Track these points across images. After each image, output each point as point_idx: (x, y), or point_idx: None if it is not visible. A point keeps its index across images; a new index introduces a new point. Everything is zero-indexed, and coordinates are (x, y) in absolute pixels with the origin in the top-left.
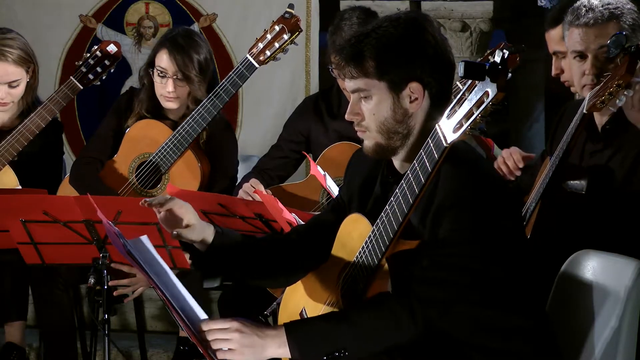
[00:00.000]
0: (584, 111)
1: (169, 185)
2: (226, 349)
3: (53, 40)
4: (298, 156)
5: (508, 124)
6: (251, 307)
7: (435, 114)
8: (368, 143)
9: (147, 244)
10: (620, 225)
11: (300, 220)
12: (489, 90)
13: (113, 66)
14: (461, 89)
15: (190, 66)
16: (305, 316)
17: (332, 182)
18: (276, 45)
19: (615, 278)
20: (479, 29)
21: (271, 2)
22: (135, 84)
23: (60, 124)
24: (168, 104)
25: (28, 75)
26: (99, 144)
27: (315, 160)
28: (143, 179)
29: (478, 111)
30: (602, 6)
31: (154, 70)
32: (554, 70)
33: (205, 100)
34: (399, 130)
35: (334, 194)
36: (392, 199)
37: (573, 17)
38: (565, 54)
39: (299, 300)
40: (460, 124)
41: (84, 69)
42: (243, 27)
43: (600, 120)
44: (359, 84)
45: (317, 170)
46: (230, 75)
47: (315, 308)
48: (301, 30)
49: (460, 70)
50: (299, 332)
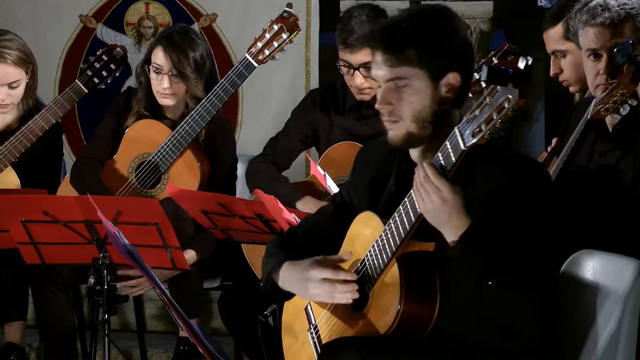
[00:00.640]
0: (588, 117)
1: (168, 185)
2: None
3: (53, 40)
4: (303, 147)
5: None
6: (251, 307)
7: (458, 106)
8: (397, 133)
9: None
10: (623, 225)
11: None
12: (510, 96)
13: (119, 70)
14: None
15: (185, 63)
16: (311, 313)
17: (332, 182)
18: (275, 44)
19: (615, 278)
20: (479, 29)
21: (271, 2)
22: (135, 84)
23: (60, 125)
24: (164, 101)
25: (27, 76)
26: (99, 144)
27: (318, 157)
28: (142, 179)
29: (498, 116)
30: (619, 6)
31: (150, 67)
32: (553, 70)
33: (204, 100)
34: (433, 120)
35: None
36: (406, 199)
37: (589, 17)
38: (564, 53)
39: None
40: (480, 129)
41: (89, 72)
42: (243, 27)
43: (612, 121)
44: (398, 73)
45: (317, 170)
46: (229, 74)
47: (321, 304)
48: (299, 30)
49: (483, 74)
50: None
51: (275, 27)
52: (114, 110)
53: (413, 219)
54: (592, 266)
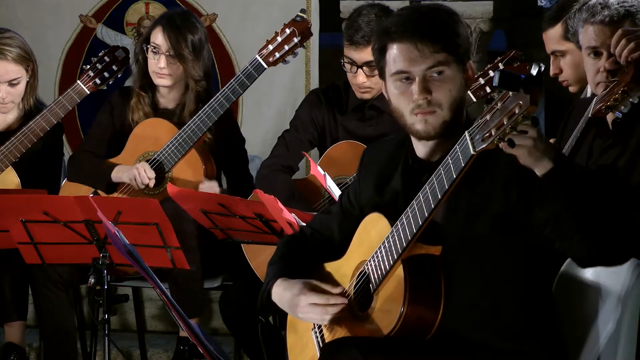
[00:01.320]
0: (589, 115)
1: (168, 185)
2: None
3: (53, 40)
4: (310, 148)
5: None
6: (251, 307)
7: None
8: (435, 122)
9: None
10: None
11: (300, 220)
12: (521, 102)
13: (121, 71)
14: None
15: (183, 44)
16: None
17: (332, 182)
18: (286, 47)
19: (615, 278)
20: (479, 29)
21: (271, 2)
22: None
23: (60, 125)
24: (159, 81)
25: (28, 74)
26: (93, 141)
27: (318, 156)
28: None
29: (508, 122)
30: (618, 3)
31: (148, 47)
32: (553, 70)
33: (212, 99)
34: (462, 107)
35: (334, 194)
36: (414, 202)
37: (588, 15)
38: (563, 53)
39: None
40: (490, 133)
41: (91, 73)
42: (243, 27)
43: (612, 119)
44: (441, 59)
45: (317, 170)
46: (239, 75)
47: None
48: (312, 35)
49: (495, 79)
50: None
51: (287, 31)
52: (106, 108)
53: (420, 222)
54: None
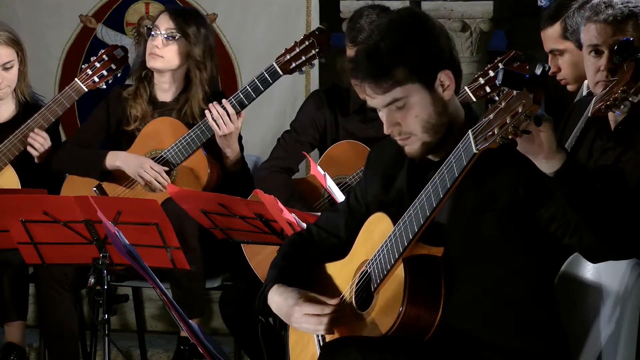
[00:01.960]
0: (588, 115)
1: (168, 185)
2: None
3: (53, 40)
4: (310, 150)
5: None
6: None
7: (456, 92)
8: (414, 147)
9: None
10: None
11: (300, 221)
12: (524, 101)
13: (119, 70)
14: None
15: (183, 24)
16: None
17: (332, 182)
18: (303, 58)
19: (615, 278)
20: (479, 29)
21: (271, 2)
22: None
23: (57, 122)
24: (152, 62)
25: (18, 59)
26: (83, 135)
27: (318, 156)
28: None
29: (511, 121)
30: (622, 4)
31: (149, 29)
32: (552, 68)
33: (224, 100)
34: (442, 122)
35: (334, 194)
36: (416, 201)
37: (592, 13)
38: (562, 52)
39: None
40: (493, 132)
41: (89, 71)
42: (243, 27)
43: (614, 118)
44: (394, 95)
45: (317, 170)
46: (253, 80)
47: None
48: (330, 48)
49: (499, 77)
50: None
51: (307, 42)
52: (104, 104)
53: (422, 221)
54: (592, 266)
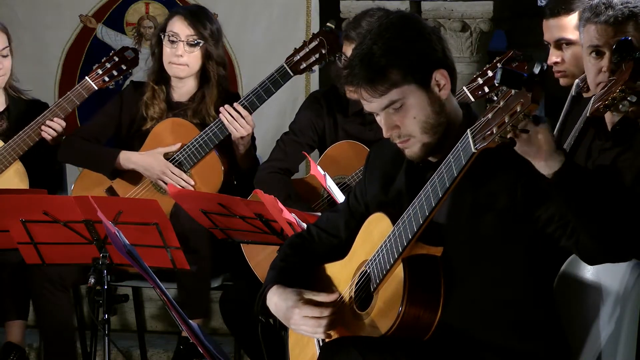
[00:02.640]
0: (587, 115)
1: (169, 185)
2: None
3: (53, 40)
4: (310, 151)
5: None
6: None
7: (452, 91)
8: (414, 149)
9: None
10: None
11: (300, 221)
12: (523, 100)
13: (129, 71)
14: None
15: (201, 28)
16: None
17: (332, 182)
18: (313, 58)
19: (615, 278)
20: (479, 29)
21: (271, 2)
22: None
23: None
24: (175, 71)
25: (10, 49)
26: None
27: (318, 156)
28: None
29: (510, 120)
30: (622, 4)
31: (165, 36)
32: (553, 59)
33: (235, 104)
34: (441, 122)
35: (334, 194)
36: (416, 200)
37: (592, 14)
38: (573, 43)
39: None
40: (491, 132)
41: (100, 71)
42: (243, 27)
43: (611, 119)
44: (391, 97)
45: (317, 170)
46: (264, 81)
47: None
48: (341, 47)
49: (497, 76)
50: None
51: (316, 41)
52: (118, 101)
53: (421, 221)
54: (592, 266)
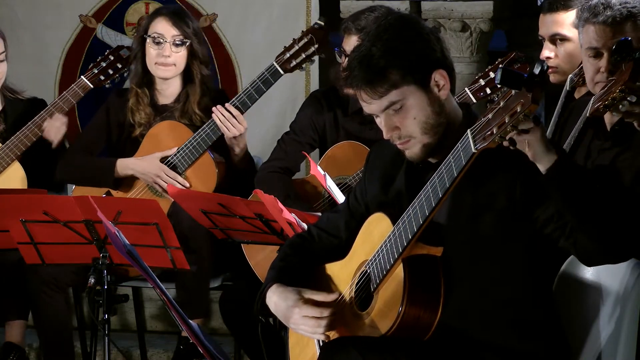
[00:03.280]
0: (587, 115)
1: (168, 186)
2: None
3: (53, 40)
4: (310, 150)
5: None
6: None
7: (452, 91)
8: (415, 149)
9: None
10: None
11: (300, 221)
12: (523, 100)
13: (124, 69)
14: None
15: (186, 27)
16: None
17: (332, 182)
18: (303, 55)
19: (615, 278)
20: (479, 29)
21: (271, 2)
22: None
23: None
24: (162, 72)
25: (5, 54)
26: (84, 142)
27: (319, 156)
28: None
29: (510, 121)
30: (620, 4)
31: (148, 38)
32: (546, 53)
33: (227, 104)
34: (441, 122)
35: (334, 194)
36: (416, 200)
37: (590, 15)
38: (568, 40)
39: None
40: (491, 132)
41: (95, 70)
42: (243, 27)
43: (610, 119)
44: (391, 98)
45: (317, 170)
46: (255, 81)
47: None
48: (329, 43)
49: (497, 76)
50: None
51: (305, 39)
52: (104, 110)
53: (421, 221)
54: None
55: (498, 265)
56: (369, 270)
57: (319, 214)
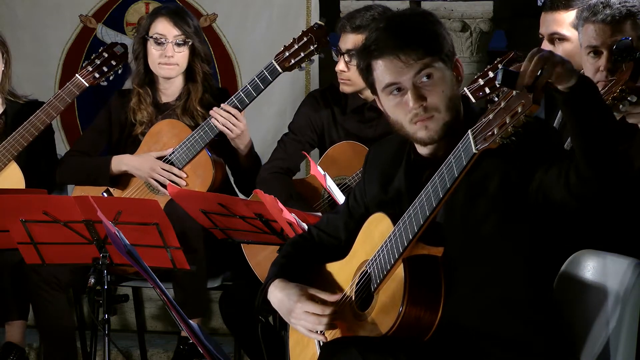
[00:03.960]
0: None
1: (169, 185)
2: None
3: (53, 40)
4: (310, 150)
5: None
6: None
7: None
8: (436, 126)
9: None
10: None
11: (300, 221)
12: (524, 101)
13: (119, 66)
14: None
15: (187, 26)
16: None
17: (332, 182)
18: (302, 54)
19: (615, 278)
20: (479, 29)
21: (271, 2)
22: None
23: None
24: (165, 72)
25: (3, 61)
26: (84, 144)
27: (319, 156)
28: None
29: (511, 121)
30: (620, 3)
31: (149, 41)
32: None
33: (226, 102)
34: (459, 105)
35: (334, 194)
36: (416, 200)
37: (589, 13)
38: (566, 39)
39: None
40: (492, 132)
41: (90, 68)
42: (243, 27)
43: None
44: (426, 62)
45: (317, 170)
46: (254, 79)
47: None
48: (328, 43)
49: (498, 77)
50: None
51: (305, 38)
52: (106, 112)
53: (422, 221)
54: (592, 266)
55: (497, 262)
56: (369, 270)
57: (319, 214)
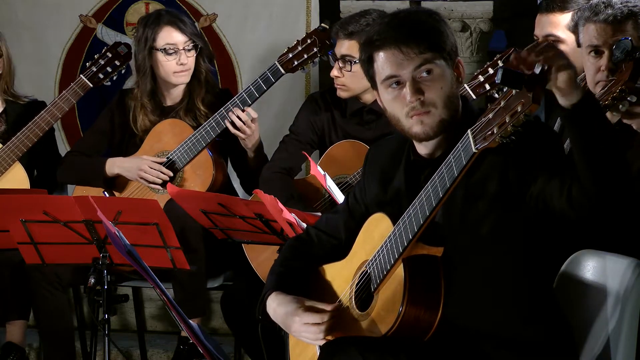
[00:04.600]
0: None
1: (168, 185)
2: None
3: (53, 40)
4: (311, 151)
5: None
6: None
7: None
8: (432, 122)
9: None
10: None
11: (300, 221)
12: (523, 100)
13: (123, 66)
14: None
15: (189, 31)
16: None
17: (332, 182)
18: (305, 56)
19: (615, 278)
20: (479, 29)
21: (271, 2)
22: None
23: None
24: (183, 79)
25: (1, 61)
26: (85, 144)
27: (319, 156)
28: None
29: (510, 120)
30: (622, 3)
31: (158, 52)
32: None
33: (228, 102)
34: (457, 104)
35: (334, 194)
36: (416, 200)
37: (591, 13)
38: (561, 41)
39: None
40: (492, 132)
41: (94, 68)
42: (243, 27)
43: (611, 119)
44: (427, 57)
45: (317, 170)
46: (257, 79)
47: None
48: (333, 46)
49: (498, 76)
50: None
51: (308, 40)
52: (108, 114)
53: (421, 221)
54: (592, 266)
55: (497, 265)
56: (369, 270)
57: (319, 214)
